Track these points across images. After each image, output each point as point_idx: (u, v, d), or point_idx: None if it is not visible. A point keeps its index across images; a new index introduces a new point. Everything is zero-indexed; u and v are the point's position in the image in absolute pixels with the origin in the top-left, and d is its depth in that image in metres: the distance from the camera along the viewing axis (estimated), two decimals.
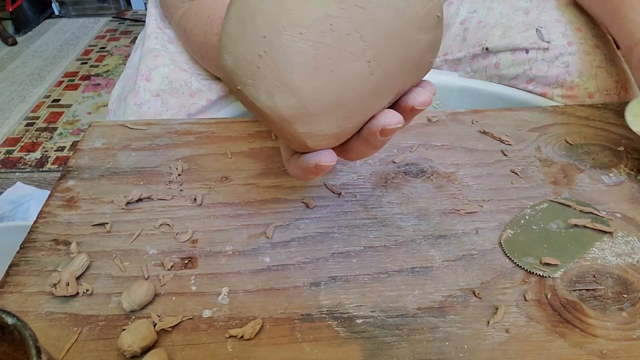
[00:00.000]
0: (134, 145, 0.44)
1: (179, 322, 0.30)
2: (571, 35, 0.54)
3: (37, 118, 1.72)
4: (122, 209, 0.38)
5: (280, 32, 0.23)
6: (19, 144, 1.58)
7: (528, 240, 0.35)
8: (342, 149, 0.29)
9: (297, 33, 0.23)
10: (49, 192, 0.39)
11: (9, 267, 0.33)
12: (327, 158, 0.27)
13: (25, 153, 1.54)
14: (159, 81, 0.53)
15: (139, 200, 0.38)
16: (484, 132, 0.45)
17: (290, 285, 0.32)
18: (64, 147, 1.57)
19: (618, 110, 0.47)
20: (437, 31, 0.27)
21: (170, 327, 0.29)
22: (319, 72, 0.24)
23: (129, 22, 2.44)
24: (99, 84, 1.92)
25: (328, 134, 0.26)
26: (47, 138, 1.61)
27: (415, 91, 0.28)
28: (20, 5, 2.26)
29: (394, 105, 0.29)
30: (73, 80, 1.95)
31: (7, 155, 1.53)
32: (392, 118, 0.27)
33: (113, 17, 2.49)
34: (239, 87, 0.25)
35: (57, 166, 1.47)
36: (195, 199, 0.38)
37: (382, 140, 0.28)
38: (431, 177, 0.40)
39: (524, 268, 0.33)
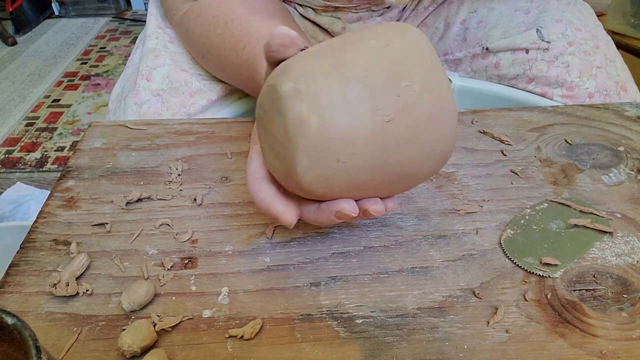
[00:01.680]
0: (134, 145, 0.44)
1: (179, 322, 0.30)
2: (571, 36, 0.54)
3: (37, 118, 1.72)
4: (122, 209, 0.38)
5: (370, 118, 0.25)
6: (19, 144, 1.58)
7: (528, 240, 0.35)
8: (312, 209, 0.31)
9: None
10: (48, 192, 0.39)
11: (9, 267, 0.33)
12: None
13: (25, 153, 1.54)
14: (159, 81, 0.53)
15: (139, 200, 0.38)
16: (484, 132, 0.45)
17: (290, 285, 0.32)
18: (64, 147, 1.57)
19: (618, 110, 0.47)
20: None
21: (170, 327, 0.29)
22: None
23: (129, 22, 2.44)
24: (98, 84, 1.92)
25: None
26: (47, 138, 1.61)
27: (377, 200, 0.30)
28: (20, 5, 2.26)
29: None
30: (73, 80, 1.95)
31: (7, 155, 1.53)
32: (351, 207, 0.28)
33: (113, 17, 2.49)
34: (290, 137, 0.26)
35: (57, 166, 1.47)
36: (195, 199, 0.38)
37: (333, 220, 0.29)
38: (431, 177, 0.40)
39: (524, 268, 0.33)
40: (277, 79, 0.27)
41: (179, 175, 0.41)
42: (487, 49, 0.57)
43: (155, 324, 0.29)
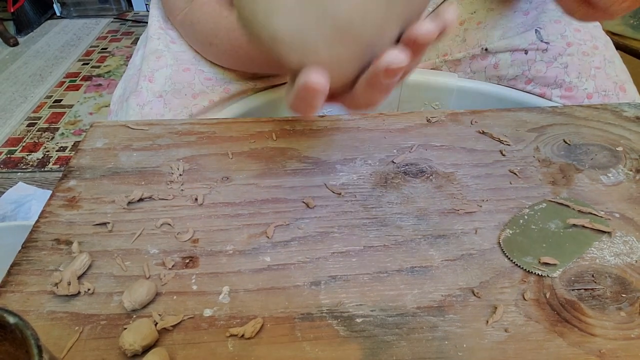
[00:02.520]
0: (136, 146, 0.44)
1: (180, 321, 0.30)
2: (570, 36, 0.55)
3: (39, 118, 1.72)
4: (124, 208, 0.38)
5: None
6: (21, 144, 1.59)
7: (527, 240, 0.35)
8: (349, 97, 0.29)
9: None
10: (50, 192, 0.39)
11: (11, 266, 0.33)
12: (317, 76, 0.25)
13: (27, 153, 1.54)
14: (161, 82, 0.53)
15: (141, 200, 0.39)
16: (483, 133, 0.45)
17: (291, 285, 0.32)
18: (66, 147, 1.57)
19: (616, 111, 0.48)
20: None
21: (171, 326, 0.30)
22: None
23: (130, 23, 2.44)
24: (100, 85, 1.93)
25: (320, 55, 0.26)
26: (48, 138, 1.62)
27: (419, 22, 0.26)
28: (21, 6, 2.26)
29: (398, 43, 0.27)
30: (74, 81, 1.96)
31: (9, 156, 1.53)
32: (395, 56, 0.25)
33: (114, 18, 2.50)
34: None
35: (58, 166, 1.48)
36: (196, 199, 0.39)
37: (387, 83, 0.26)
38: (430, 177, 0.41)
39: (522, 268, 0.33)
40: None
41: (180, 175, 0.41)
42: (486, 49, 0.58)
43: (157, 323, 0.29)
